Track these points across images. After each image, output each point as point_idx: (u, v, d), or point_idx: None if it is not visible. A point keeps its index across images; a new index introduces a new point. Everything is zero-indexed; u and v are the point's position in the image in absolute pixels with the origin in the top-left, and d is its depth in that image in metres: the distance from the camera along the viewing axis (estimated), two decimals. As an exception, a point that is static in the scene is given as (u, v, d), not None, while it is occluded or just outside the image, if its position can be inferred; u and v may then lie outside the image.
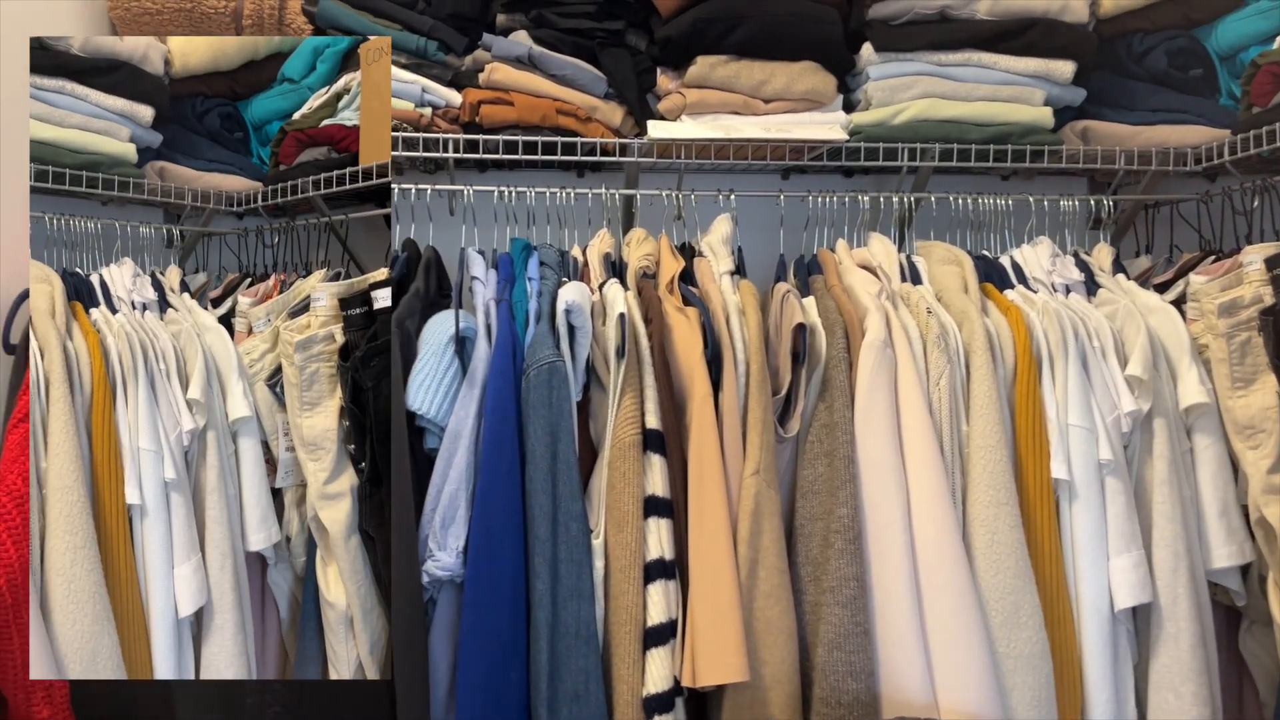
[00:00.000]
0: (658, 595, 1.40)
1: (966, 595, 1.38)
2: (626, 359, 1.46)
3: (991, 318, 1.56)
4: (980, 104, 1.77)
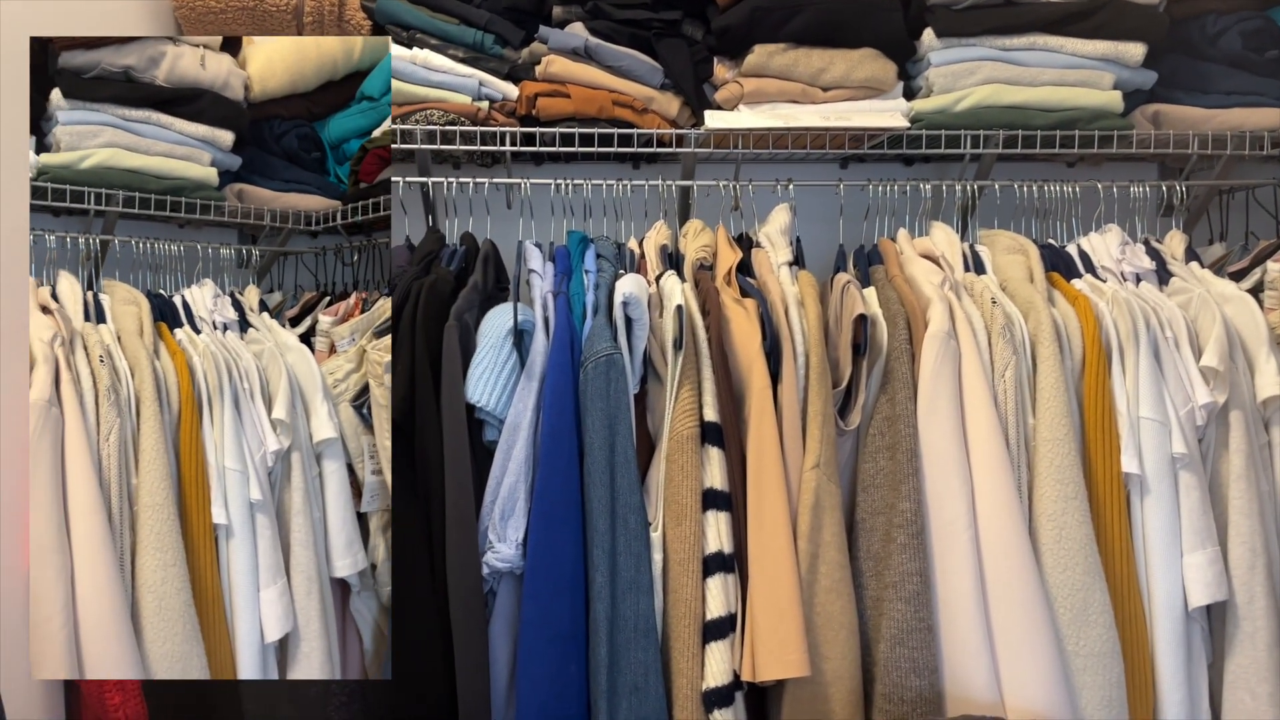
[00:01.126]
0: (716, 589, 1.39)
1: (1033, 591, 1.35)
2: (684, 351, 1.45)
3: (1058, 308, 1.52)
4: (1046, 89, 1.72)
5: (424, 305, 1.47)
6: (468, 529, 1.39)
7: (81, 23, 1.69)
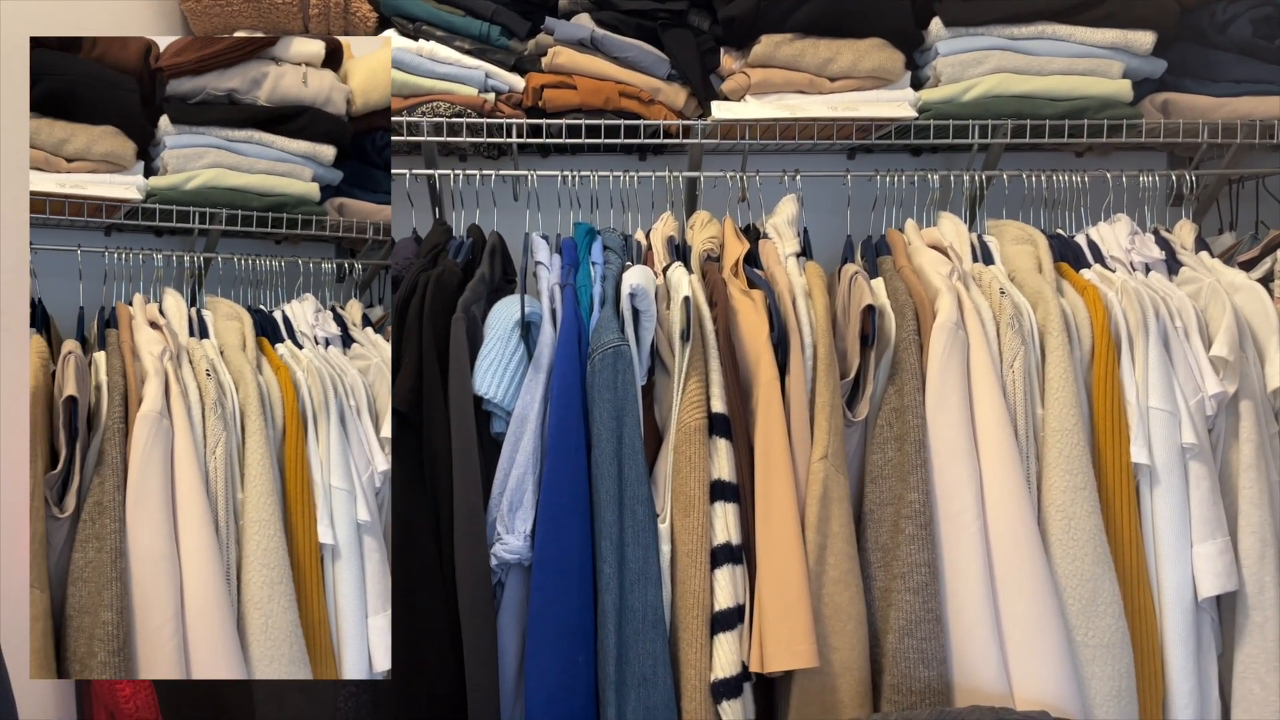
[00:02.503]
0: (725, 580, 1.39)
1: (1042, 582, 1.35)
2: (691, 343, 1.45)
3: (1067, 298, 1.52)
4: (1055, 78, 1.71)
5: (431, 297, 1.47)
6: (476, 521, 1.39)
7: (83, 23, 1.69)
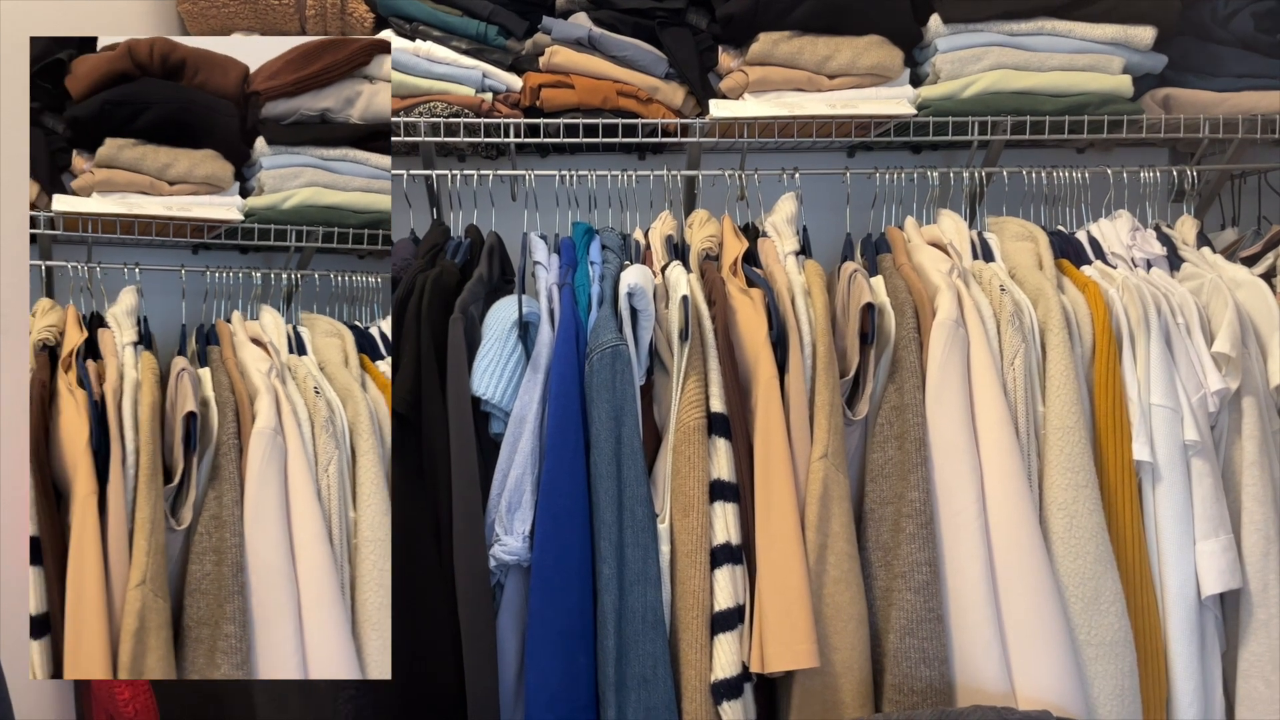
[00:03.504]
0: (725, 580, 1.38)
1: (1044, 580, 1.34)
2: (690, 342, 1.44)
3: (1068, 294, 1.51)
4: (1055, 74, 1.71)
5: (429, 298, 1.47)
6: (474, 522, 1.39)
7: (82, 23, 1.69)
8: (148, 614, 1.34)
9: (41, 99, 1.63)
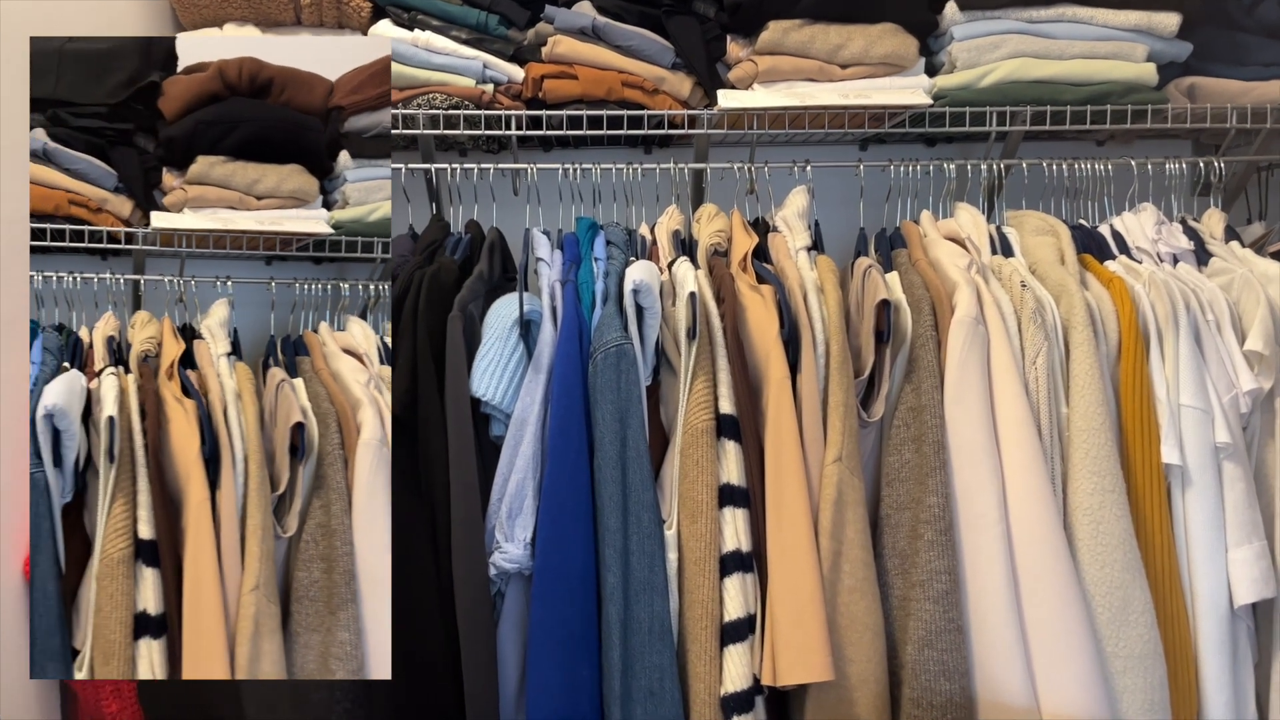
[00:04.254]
0: (735, 589, 1.32)
1: (1070, 590, 1.28)
2: (698, 340, 1.38)
3: (1092, 291, 1.45)
4: (1076, 62, 1.64)
5: (426, 295, 1.41)
6: (474, 528, 1.33)
7: (82, 23, 1.67)
8: (262, 618, 1.37)
9: (134, 119, 1.69)
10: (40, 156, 1.64)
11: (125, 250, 1.73)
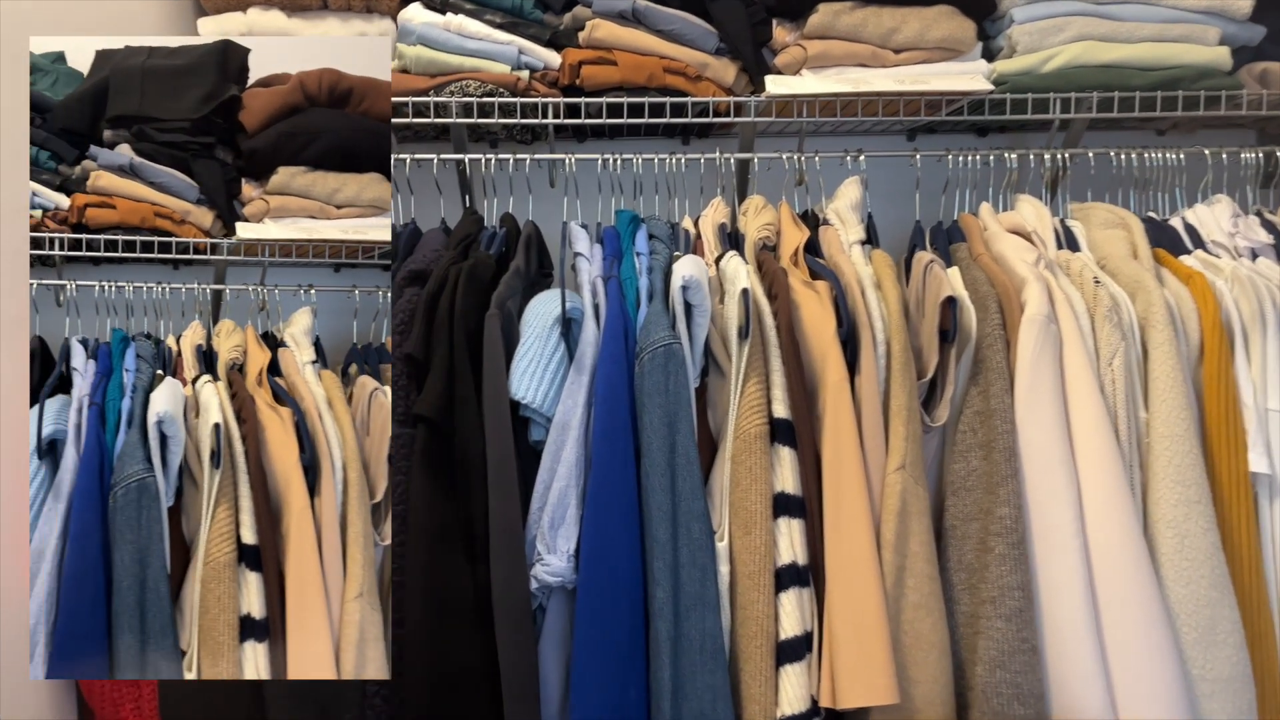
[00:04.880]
0: (791, 605, 1.24)
1: (1153, 608, 1.20)
2: (750, 340, 1.30)
3: (1169, 287, 1.36)
4: (1145, 45, 1.56)
5: (463, 292, 1.34)
6: (514, 539, 1.25)
7: (82, 23, 1.63)
8: (366, 625, 1.38)
9: (215, 133, 1.71)
10: (127, 171, 1.68)
11: (197, 260, 1.74)
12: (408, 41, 1.59)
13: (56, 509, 1.36)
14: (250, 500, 1.38)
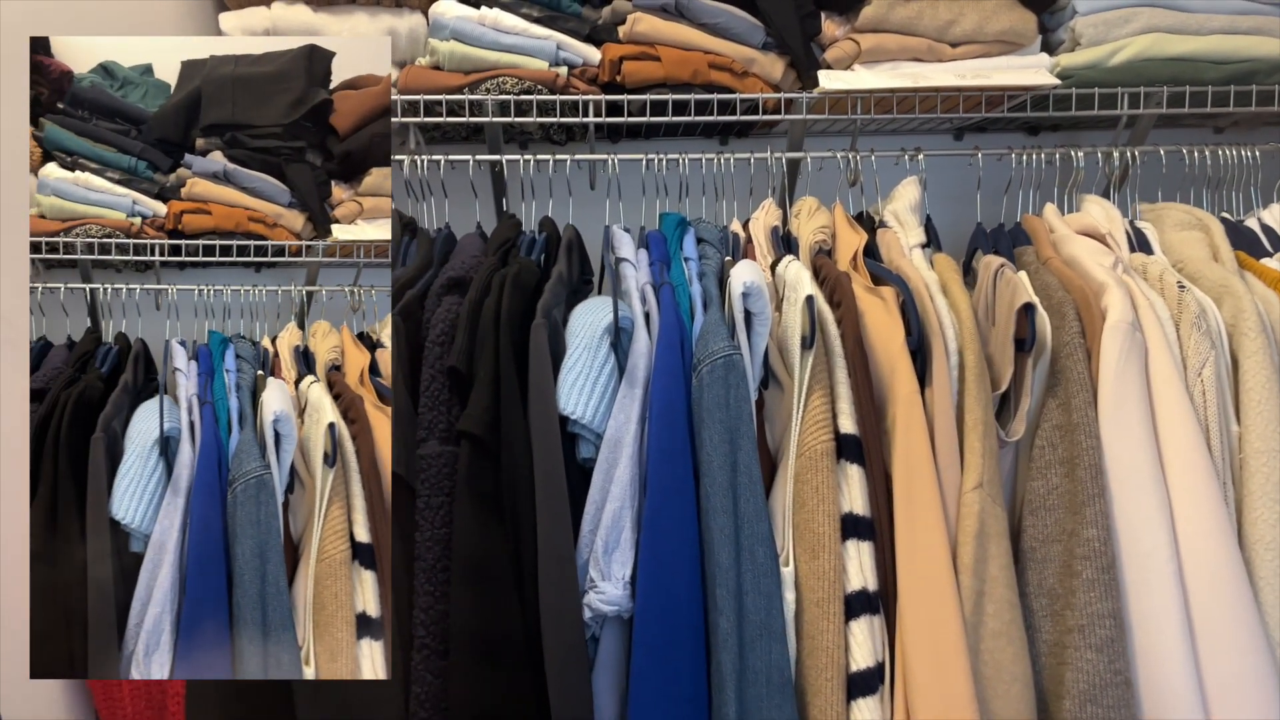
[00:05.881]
0: (862, 634, 1.16)
1: (1255, 638, 1.11)
2: (814, 350, 1.22)
3: (1255, 293, 1.28)
4: (1216, 38, 1.48)
5: (509, 300, 1.26)
6: (565, 564, 1.17)
7: (82, 23, 1.58)
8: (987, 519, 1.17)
9: (306, 137, 1.73)
10: (221, 177, 1.72)
11: (282, 263, 1.76)
12: (440, 36, 1.51)
13: (176, 503, 1.35)
14: (363, 499, 1.37)
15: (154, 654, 1.29)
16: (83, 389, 1.43)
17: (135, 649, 1.30)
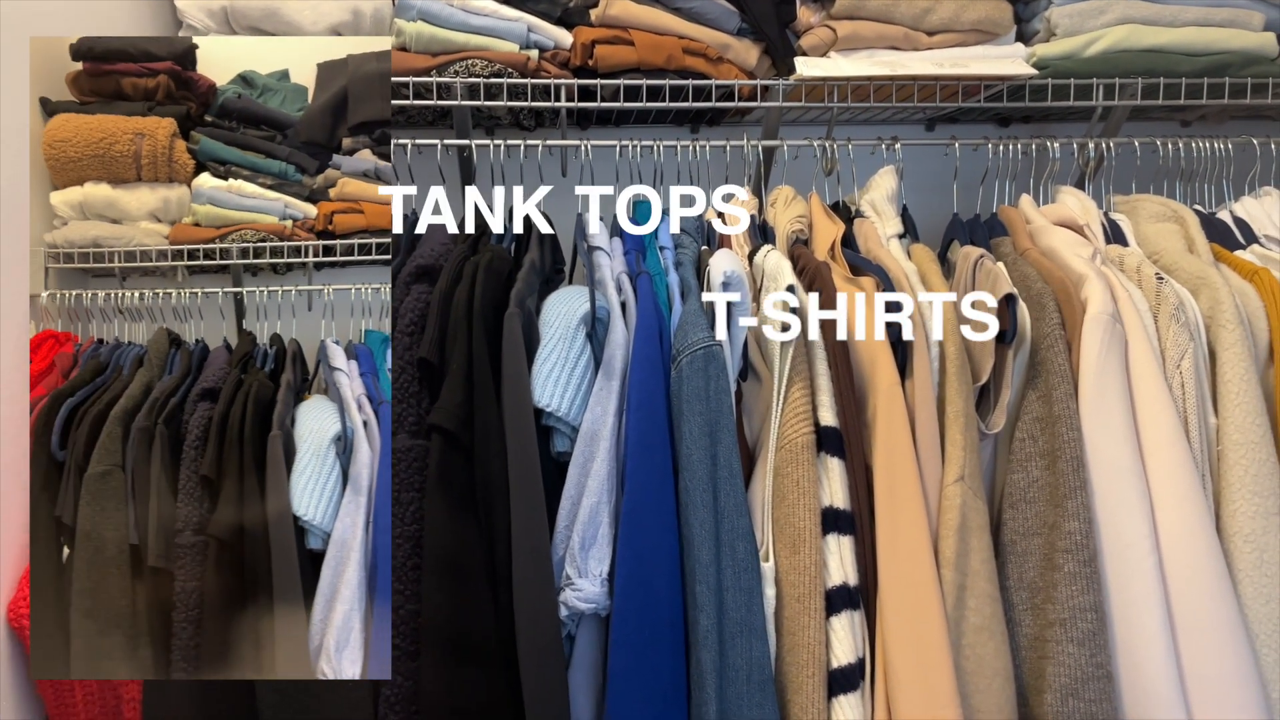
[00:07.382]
0: (843, 630, 1.14)
1: (1235, 630, 1.11)
2: (794, 342, 1.20)
3: (1231, 284, 1.28)
4: (1190, 29, 1.48)
5: (481, 289, 1.22)
6: (540, 561, 1.14)
7: (82, 23, 1.54)
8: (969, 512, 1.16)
9: None
10: (371, 176, 1.68)
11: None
12: (407, 17, 1.46)
13: (358, 502, 1.29)
14: (828, 379, 1.21)
15: (344, 650, 1.22)
16: (256, 388, 1.37)
17: (325, 643, 1.23)
